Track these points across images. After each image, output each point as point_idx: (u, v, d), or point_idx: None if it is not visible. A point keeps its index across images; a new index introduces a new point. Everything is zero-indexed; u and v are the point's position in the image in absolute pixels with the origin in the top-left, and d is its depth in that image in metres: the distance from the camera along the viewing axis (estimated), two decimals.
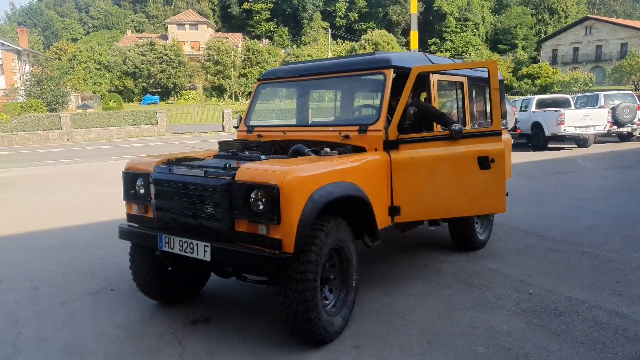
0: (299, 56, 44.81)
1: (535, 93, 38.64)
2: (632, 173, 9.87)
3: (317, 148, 3.61)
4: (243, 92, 46.01)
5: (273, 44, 59.30)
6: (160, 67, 48.84)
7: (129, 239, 3.52)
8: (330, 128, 3.85)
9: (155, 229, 3.34)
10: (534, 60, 66.28)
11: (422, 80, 4.13)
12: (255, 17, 64.43)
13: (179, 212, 3.15)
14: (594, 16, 59.98)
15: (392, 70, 3.72)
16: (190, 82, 51.55)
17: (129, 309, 3.77)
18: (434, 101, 4.19)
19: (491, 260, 4.69)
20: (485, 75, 5.13)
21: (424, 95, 4.52)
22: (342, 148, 3.65)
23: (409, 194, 3.69)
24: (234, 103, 45.00)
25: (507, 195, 5.79)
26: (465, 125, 4.66)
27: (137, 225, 3.52)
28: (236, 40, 56.70)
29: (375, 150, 3.59)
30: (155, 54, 49.10)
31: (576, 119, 14.22)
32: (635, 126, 15.88)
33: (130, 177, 3.49)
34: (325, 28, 59.50)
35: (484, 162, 3.70)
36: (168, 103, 46.67)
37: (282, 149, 4.04)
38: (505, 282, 4.13)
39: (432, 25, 64.84)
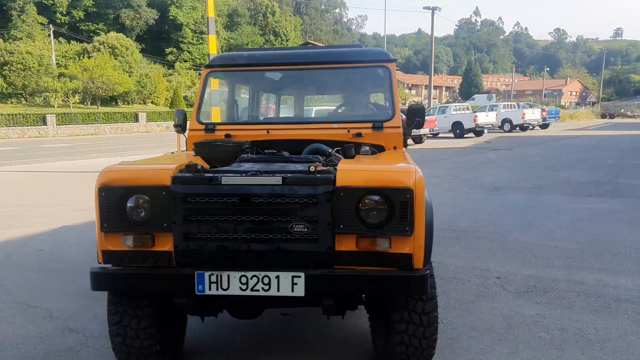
0: (13, 52, 37.04)
1: None
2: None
3: (343, 147, 3.12)
4: None
5: None
6: None
7: (125, 286, 2.39)
8: (335, 125, 3.32)
9: (175, 267, 2.34)
10: None
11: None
12: None
13: (235, 237, 2.28)
14: (312, 42, 69.40)
15: (395, 64, 3.49)
16: None
17: None
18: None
19: None
20: None
21: None
22: (365, 147, 3.22)
23: None
24: None
25: None
26: None
27: (130, 266, 2.37)
28: None
29: (395, 148, 3.30)
30: None
31: None
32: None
33: (119, 196, 2.30)
34: (42, 24, 50.97)
35: None
36: None
37: (267, 150, 3.31)
38: (472, 272, 4.36)
39: (167, 34, 63.53)
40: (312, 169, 2.32)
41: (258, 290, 2.25)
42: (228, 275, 2.26)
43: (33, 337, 3.27)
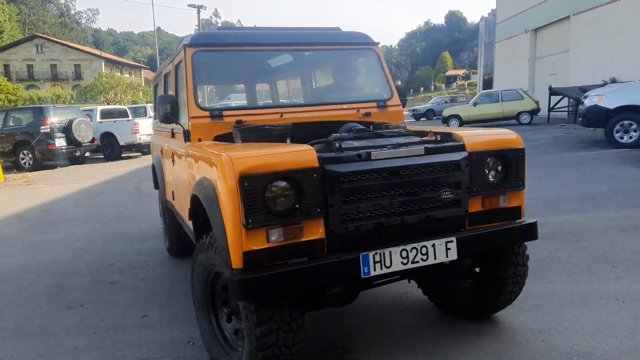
0: None
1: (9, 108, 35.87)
2: None
3: (374, 125, 3.27)
4: None
5: None
6: None
7: (288, 286, 2.09)
8: (345, 106, 3.39)
9: (326, 254, 2.18)
10: None
11: None
12: None
13: (388, 212, 2.29)
14: (43, 35, 60.65)
15: (379, 47, 3.70)
16: None
17: None
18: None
19: None
20: None
21: None
22: (400, 123, 3.38)
23: None
24: None
25: None
26: None
27: (274, 264, 2.11)
28: None
29: None
30: None
31: (148, 128, 15.28)
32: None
33: (263, 185, 2.03)
34: None
35: None
36: None
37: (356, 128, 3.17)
38: None
39: None
40: (437, 137, 2.54)
41: (418, 262, 2.30)
42: (390, 252, 2.25)
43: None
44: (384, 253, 2.23)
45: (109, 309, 3.61)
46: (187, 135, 3.10)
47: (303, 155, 2.14)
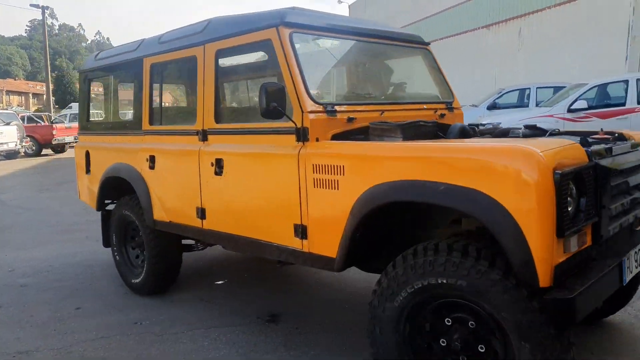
0: None
1: None
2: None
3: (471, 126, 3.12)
4: None
5: None
6: None
7: (597, 303, 2.02)
8: (425, 106, 3.30)
9: (592, 263, 2.04)
10: None
11: None
12: None
13: (625, 211, 2.16)
14: None
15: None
16: None
17: None
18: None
19: None
20: None
21: None
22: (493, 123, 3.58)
23: None
24: None
25: None
26: None
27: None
28: None
29: None
30: None
31: None
32: None
33: (568, 183, 1.84)
34: None
35: None
36: None
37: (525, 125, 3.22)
38: None
39: None
40: (615, 135, 2.54)
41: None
42: (632, 256, 2.10)
43: None
44: (630, 257, 2.09)
45: (35, 307, 3.73)
46: (302, 134, 2.59)
47: (574, 149, 1.97)
